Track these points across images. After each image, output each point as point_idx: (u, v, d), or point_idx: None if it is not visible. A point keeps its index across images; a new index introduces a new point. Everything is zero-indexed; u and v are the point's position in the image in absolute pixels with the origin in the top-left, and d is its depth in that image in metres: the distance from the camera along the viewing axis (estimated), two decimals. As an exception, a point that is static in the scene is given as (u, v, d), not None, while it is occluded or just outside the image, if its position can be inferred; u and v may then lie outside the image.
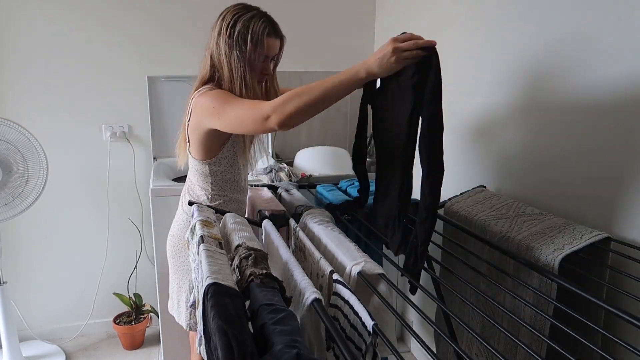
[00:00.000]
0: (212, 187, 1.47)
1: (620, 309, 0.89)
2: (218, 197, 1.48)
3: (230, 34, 1.32)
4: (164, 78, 2.39)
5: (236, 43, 1.32)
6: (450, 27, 1.93)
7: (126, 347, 2.44)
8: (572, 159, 1.37)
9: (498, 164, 1.69)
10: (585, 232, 1.19)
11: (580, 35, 1.31)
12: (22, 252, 2.40)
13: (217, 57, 1.36)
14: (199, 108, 1.34)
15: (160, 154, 2.44)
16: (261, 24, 1.34)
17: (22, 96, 2.25)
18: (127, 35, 2.32)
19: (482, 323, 1.40)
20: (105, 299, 2.53)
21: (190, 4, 2.39)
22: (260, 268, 0.95)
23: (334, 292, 0.97)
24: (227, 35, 1.33)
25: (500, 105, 1.66)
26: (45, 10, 2.20)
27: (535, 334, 0.84)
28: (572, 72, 1.35)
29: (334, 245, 1.16)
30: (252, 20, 1.33)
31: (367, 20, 2.66)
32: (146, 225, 2.50)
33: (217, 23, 1.37)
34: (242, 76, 1.34)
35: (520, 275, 1.25)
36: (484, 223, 1.40)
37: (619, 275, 1.15)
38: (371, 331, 0.83)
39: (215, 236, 1.14)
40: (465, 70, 1.84)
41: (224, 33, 1.33)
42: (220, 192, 1.47)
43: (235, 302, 0.82)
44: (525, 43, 1.52)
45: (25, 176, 2.01)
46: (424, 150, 1.04)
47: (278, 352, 0.68)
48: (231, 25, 1.33)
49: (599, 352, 0.79)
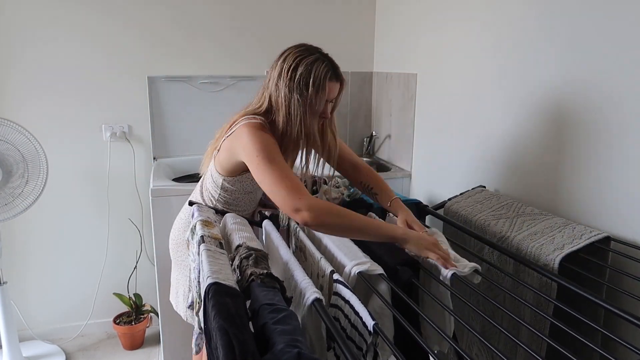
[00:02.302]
0: (218, 199, 1.45)
1: (620, 308, 0.90)
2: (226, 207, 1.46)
3: (292, 77, 1.29)
4: (164, 78, 2.40)
5: (297, 87, 1.29)
6: (451, 28, 1.94)
7: (126, 347, 2.44)
8: (572, 159, 1.37)
9: (498, 164, 1.69)
10: (585, 232, 1.19)
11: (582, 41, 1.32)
12: (22, 252, 2.40)
13: (276, 99, 1.33)
14: (242, 139, 1.29)
15: (160, 154, 2.44)
16: (324, 67, 1.31)
17: (22, 96, 2.25)
18: (127, 36, 2.32)
19: (482, 323, 1.41)
20: (105, 299, 2.53)
21: (191, 4, 2.39)
22: (260, 268, 0.95)
23: (335, 292, 0.97)
24: (288, 78, 1.29)
25: (500, 106, 1.67)
26: (45, 10, 2.20)
27: (536, 334, 0.85)
28: (573, 74, 1.35)
29: (334, 245, 1.17)
30: (315, 64, 1.30)
31: (367, 21, 2.67)
32: (146, 225, 2.50)
33: (277, 63, 1.33)
34: (302, 120, 1.32)
35: (520, 275, 1.25)
36: (484, 223, 1.40)
37: (619, 275, 1.15)
38: (372, 331, 0.83)
39: (215, 236, 1.14)
40: (466, 70, 1.85)
41: (285, 75, 1.30)
42: (224, 205, 1.46)
43: (236, 301, 0.82)
44: (528, 44, 1.53)
45: (25, 176, 2.01)
46: None
47: (279, 351, 0.68)
48: (293, 68, 1.29)
49: (599, 351, 0.79)
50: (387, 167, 2.45)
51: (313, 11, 2.57)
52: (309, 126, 1.34)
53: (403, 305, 0.96)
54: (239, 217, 1.31)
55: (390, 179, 2.29)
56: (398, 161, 2.45)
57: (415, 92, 2.23)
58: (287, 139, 1.35)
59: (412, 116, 2.27)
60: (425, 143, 2.19)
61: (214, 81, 2.47)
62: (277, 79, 1.31)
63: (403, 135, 2.39)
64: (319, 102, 1.32)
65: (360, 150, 2.76)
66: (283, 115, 1.32)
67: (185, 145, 2.46)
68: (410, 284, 1.07)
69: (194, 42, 2.42)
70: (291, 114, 1.31)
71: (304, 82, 1.29)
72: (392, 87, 2.49)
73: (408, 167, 2.34)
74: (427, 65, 2.13)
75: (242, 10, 2.47)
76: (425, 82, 2.16)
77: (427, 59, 2.13)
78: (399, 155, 2.45)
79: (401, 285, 1.05)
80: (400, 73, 2.38)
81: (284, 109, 1.31)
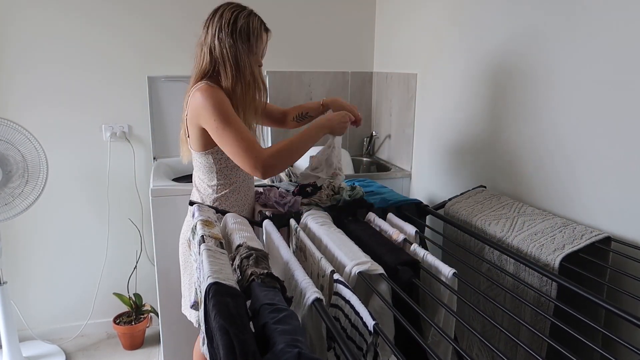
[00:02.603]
0: (217, 177, 1.48)
1: (621, 308, 0.90)
2: (224, 187, 1.49)
3: (234, 28, 1.40)
4: (164, 78, 2.39)
5: (239, 36, 1.40)
6: (450, 33, 1.94)
7: (126, 347, 2.44)
8: (572, 159, 1.37)
9: (498, 164, 1.69)
10: (585, 232, 1.19)
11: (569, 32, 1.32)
12: (22, 252, 2.40)
13: (220, 51, 1.41)
14: (198, 108, 1.38)
15: (160, 154, 2.44)
16: (258, 19, 1.46)
17: (22, 96, 2.25)
18: (127, 35, 2.32)
19: (482, 323, 1.41)
20: (105, 299, 2.53)
21: (191, 4, 2.39)
22: (261, 268, 0.95)
23: (335, 292, 0.97)
24: (229, 29, 1.40)
25: (500, 106, 1.67)
26: (46, 10, 2.20)
27: (536, 334, 0.85)
28: (574, 74, 1.35)
29: (335, 245, 1.17)
30: (250, 16, 1.44)
31: (367, 21, 2.67)
32: (146, 225, 2.50)
33: (213, 20, 1.43)
34: (250, 69, 1.44)
35: (521, 275, 1.25)
36: (484, 223, 1.40)
37: (619, 275, 1.15)
38: (372, 331, 0.83)
39: (216, 236, 1.14)
40: (466, 70, 1.85)
41: (226, 28, 1.40)
42: (226, 180, 1.49)
43: (236, 301, 0.82)
44: (524, 46, 1.53)
45: (25, 176, 2.01)
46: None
47: (279, 351, 0.68)
48: (232, 21, 1.40)
49: (599, 351, 0.79)
50: (387, 167, 2.45)
51: (313, 11, 2.57)
52: (256, 74, 1.47)
53: (403, 305, 0.96)
54: (239, 217, 1.31)
55: (390, 179, 2.29)
56: (398, 161, 2.45)
57: (415, 92, 2.23)
58: (238, 88, 1.43)
59: (412, 116, 2.27)
60: (425, 143, 2.19)
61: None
62: (218, 32, 1.41)
63: (403, 135, 2.39)
64: (259, 50, 1.47)
65: (360, 150, 2.76)
66: (230, 65, 1.42)
67: (185, 145, 2.46)
68: (411, 283, 1.07)
69: (194, 42, 2.41)
70: (239, 63, 1.42)
71: (244, 33, 1.41)
72: (392, 87, 2.49)
73: (408, 167, 2.34)
74: (427, 65, 2.13)
75: (242, 10, 2.46)
76: (425, 82, 2.16)
77: (427, 59, 2.13)
78: (399, 155, 2.45)
79: (401, 285, 1.05)
80: (400, 73, 2.38)
81: (232, 59, 1.41)
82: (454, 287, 1.08)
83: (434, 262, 1.13)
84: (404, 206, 1.57)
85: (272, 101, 2.50)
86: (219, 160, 1.47)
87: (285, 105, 2.58)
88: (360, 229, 1.34)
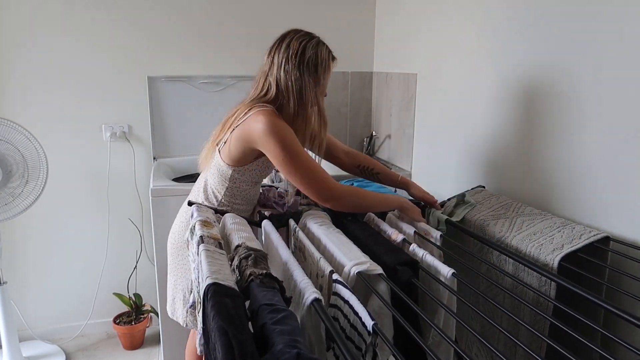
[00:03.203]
0: (225, 192, 1.45)
1: (620, 308, 0.90)
2: (226, 205, 1.47)
3: (301, 60, 1.36)
4: (164, 78, 2.40)
5: (307, 69, 1.36)
6: (450, 33, 1.94)
7: (126, 347, 2.44)
8: (571, 159, 1.37)
9: (497, 164, 1.69)
10: (584, 232, 1.19)
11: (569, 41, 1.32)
12: (22, 252, 2.40)
13: (285, 83, 1.37)
14: (258, 132, 1.31)
15: (160, 154, 2.44)
16: (326, 49, 1.41)
17: (23, 96, 2.25)
18: (127, 35, 2.32)
19: (481, 323, 1.41)
20: (105, 299, 2.53)
21: (191, 4, 2.39)
22: (260, 268, 0.95)
23: (334, 292, 0.97)
24: (297, 61, 1.35)
25: (499, 106, 1.67)
26: (46, 10, 2.20)
27: (535, 334, 0.85)
28: (570, 76, 1.35)
29: (334, 245, 1.16)
30: (319, 46, 1.39)
31: (367, 21, 2.66)
32: (146, 225, 2.50)
33: (280, 49, 1.38)
34: (315, 101, 1.40)
35: (520, 275, 1.25)
36: (483, 223, 1.40)
37: (618, 275, 1.15)
38: (371, 331, 0.83)
39: (214, 236, 1.14)
40: (466, 70, 1.85)
41: (293, 59, 1.35)
42: (231, 199, 1.46)
43: (235, 302, 0.82)
44: (524, 47, 1.53)
45: (25, 176, 2.01)
46: None
47: (278, 352, 0.68)
48: (301, 52, 1.36)
49: (598, 351, 0.79)
50: (387, 167, 2.45)
51: (313, 11, 2.57)
52: (322, 108, 1.44)
53: (402, 306, 0.96)
54: (238, 217, 1.31)
55: (390, 179, 2.29)
56: (398, 161, 2.45)
57: (415, 92, 2.23)
58: (299, 122, 1.40)
59: (412, 116, 2.27)
60: (425, 143, 2.19)
61: (214, 81, 2.47)
62: (284, 63, 1.36)
63: (403, 135, 2.39)
64: (326, 81, 1.43)
65: (360, 150, 2.76)
66: (295, 98, 1.37)
67: (185, 145, 2.46)
68: (410, 284, 1.07)
69: (193, 42, 2.42)
70: (304, 96, 1.37)
71: (312, 64, 1.36)
72: (392, 87, 2.49)
73: (408, 167, 2.34)
74: (427, 65, 2.13)
75: (242, 11, 2.47)
76: (425, 82, 2.16)
77: (427, 59, 2.13)
78: (399, 155, 2.45)
79: (401, 285, 1.05)
80: (400, 73, 2.38)
81: (296, 92, 1.37)
82: (453, 287, 1.08)
83: (433, 262, 1.14)
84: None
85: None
86: (236, 179, 1.43)
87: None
88: (359, 229, 1.34)
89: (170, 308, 1.63)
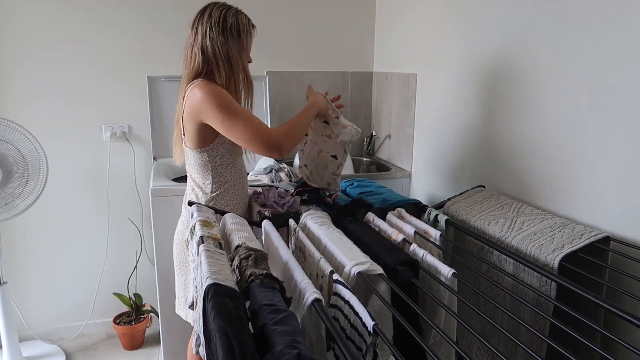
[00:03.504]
0: (212, 175, 1.49)
1: (620, 308, 0.90)
2: (219, 186, 1.49)
3: (224, 26, 1.42)
4: (164, 78, 2.39)
5: (230, 34, 1.42)
6: (449, 29, 1.94)
7: (126, 347, 2.44)
8: (571, 160, 1.37)
9: (497, 164, 1.69)
10: (584, 232, 1.19)
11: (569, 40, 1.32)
12: (22, 252, 2.40)
13: (212, 50, 1.42)
14: (199, 103, 1.38)
15: (160, 154, 2.44)
16: (245, 16, 1.48)
17: (22, 96, 2.25)
18: (127, 35, 2.32)
19: (482, 323, 1.41)
20: (105, 299, 2.53)
21: (191, 4, 2.38)
22: (260, 268, 0.95)
23: (334, 293, 0.97)
24: (220, 28, 1.41)
25: (500, 107, 1.67)
26: (46, 9, 2.20)
27: (536, 334, 0.85)
28: (573, 75, 1.35)
29: (334, 245, 1.16)
30: (238, 14, 1.46)
31: (367, 21, 2.66)
32: (146, 225, 2.50)
33: (202, 20, 1.44)
34: (242, 66, 1.47)
35: (520, 275, 1.25)
36: (483, 223, 1.40)
37: (619, 275, 1.15)
38: (371, 331, 0.83)
39: (214, 236, 1.14)
40: (465, 71, 1.85)
41: (216, 27, 1.41)
42: (220, 178, 1.49)
43: (235, 302, 0.82)
44: (524, 46, 1.53)
45: (25, 176, 2.01)
46: None
47: (279, 352, 0.68)
48: (222, 19, 1.42)
49: (598, 351, 0.79)
50: (387, 167, 2.45)
51: (313, 11, 2.57)
52: (248, 72, 1.50)
53: (403, 306, 0.96)
54: (238, 217, 1.31)
55: (390, 179, 2.29)
56: (398, 161, 2.45)
57: (415, 92, 2.23)
58: (231, 86, 1.46)
59: (412, 116, 2.27)
60: (425, 143, 2.19)
61: (213, 81, 2.46)
62: (208, 31, 1.42)
63: (403, 135, 2.39)
64: (249, 46, 1.49)
65: (360, 151, 2.76)
66: (224, 63, 1.43)
67: (185, 145, 2.46)
68: (410, 284, 1.07)
69: (193, 42, 2.42)
70: (232, 62, 1.44)
71: (235, 30, 1.43)
72: (392, 87, 2.49)
73: (408, 167, 2.34)
74: (427, 65, 2.13)
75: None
76: (425, 82, 2.16)
77: (427, 59, 2.13)
78: (399, 155, 2.44)
79: (401, 285, 1.05)
80: (400, 73, 2.38)
81: (224, 57, 1.43)
82: (454, 287, 1.08)
83: (433, 262, 1.13)
84: (403, 206, 1.57)
85: (272, 101, 2.50)
86: (214, 157, 1.47)
87: (285, 105, 2.59)
88: (360, 229, 1.34)
89: (183, 312, 1.63)
